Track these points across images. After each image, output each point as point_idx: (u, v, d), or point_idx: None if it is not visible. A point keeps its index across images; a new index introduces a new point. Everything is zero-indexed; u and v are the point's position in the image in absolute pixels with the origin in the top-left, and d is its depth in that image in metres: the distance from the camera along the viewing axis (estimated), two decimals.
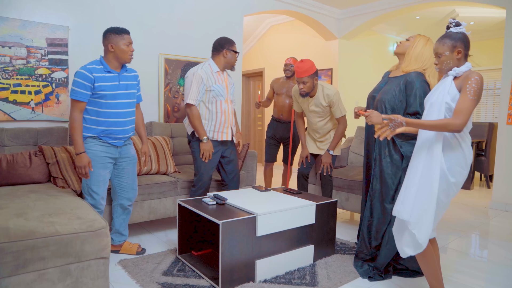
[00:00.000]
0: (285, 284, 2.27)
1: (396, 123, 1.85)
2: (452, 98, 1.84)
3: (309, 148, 3.42)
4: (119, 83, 2.47)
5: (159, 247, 2.88)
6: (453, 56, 1.87)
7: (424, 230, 1.85)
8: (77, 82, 2.32)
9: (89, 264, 1.73)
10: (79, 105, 2.35)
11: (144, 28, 3.89)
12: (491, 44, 7.12)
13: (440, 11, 5.70)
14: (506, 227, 3.68)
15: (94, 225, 1.78)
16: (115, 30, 2.41)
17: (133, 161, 2.66)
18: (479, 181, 6.35)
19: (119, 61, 2.46)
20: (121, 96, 2.48)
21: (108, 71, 2.42)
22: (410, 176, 1.95)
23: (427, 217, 1.85)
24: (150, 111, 4.02)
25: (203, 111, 2.94)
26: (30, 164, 2.77)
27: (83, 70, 2.33)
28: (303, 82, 3.07)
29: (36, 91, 3.25)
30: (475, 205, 4.60)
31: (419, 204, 1.87)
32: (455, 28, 1.89)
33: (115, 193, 2.66)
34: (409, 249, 1.94)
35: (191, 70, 2.95)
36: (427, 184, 1.86)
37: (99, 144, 2.45)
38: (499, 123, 4.39)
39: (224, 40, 2.99)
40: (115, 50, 2.40)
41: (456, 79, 1.88)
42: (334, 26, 5.96)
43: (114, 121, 2.45)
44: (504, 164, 4.35)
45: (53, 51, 3.32)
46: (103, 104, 2.41)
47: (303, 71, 3.03)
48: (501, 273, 2.58)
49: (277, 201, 2.55)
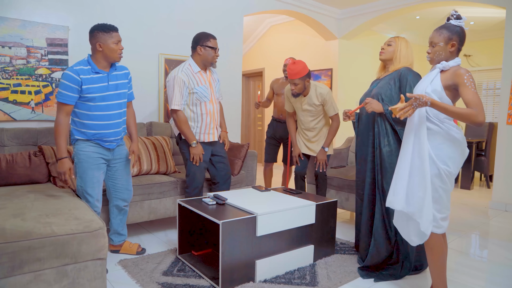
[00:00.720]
0: (285, 284, 2.26)
1: (421, 102, 1.80)
2: (433, 89, 1.86)
3: (300, 149, 3.44)
4: (108, 83, 2.35)
5: (159, 247, 2.88)
6: (446, 48, 1.89)
7: (425, 218, 1.85)
8: (64, 84, 2.21)
9: (86, 265, 1.72)
10: (65, 108, 2.24)
11: (144, 28, 3.89)
12: (491, 44, 7.11)
13: (440, 11, 5.70)
14: (506, 227, 3.68)
15: (91, 226, 1.77)
16: (103, 28, 2.28)
17: (125, 161, 2.59)
18: (479, 181, 6.34)
19: (108, 61, 2.34)
20: (111, 97, 2.37)
21: (96, 72, 2.30)
22: (400, 166, 1.98)
23: (425, 205, 1.85)
24: (150, 111, 4.02)
25: (187, 114, 2.87)
26: (29, 164, 2.76)
27: (69, 72, 2.21)
28: (294, 83, 3.12)
29: (36, 91, 3.25)
30: (475, 205, 4.59)
31: (415, 192, 1.88)
32: (455, 21, 1.90)
33: (109, 195, 2.62)
34: (416, 237, 1.96)
35: (171, 73, 2.81)
36: (419, 172, 1.87)
37: (91, 145, 2.38)
38: (499, 123, 4.38)
39: (198, 36, 2.83)
40: (103, 49, 2.28)
41: (443, 72, 1.88)
42: (334, 26, 5.96)
43: (105, 123, 2.36)
44: (504, 164, 4.34)
45: (53, 51, 3.32)
46: (92, 107, 2.31)
47: (295, 73, 3.07)
48: (501, 273, 2.57)
49: (277, 201, 2.55)
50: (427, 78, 1.94)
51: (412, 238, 1.98)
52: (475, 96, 1.76)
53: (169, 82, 2.84)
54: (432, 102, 1.79)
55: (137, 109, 3.91)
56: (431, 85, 1.88)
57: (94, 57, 2.33)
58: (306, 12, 5.46)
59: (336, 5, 5.67)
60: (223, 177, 3.09)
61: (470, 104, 1.76)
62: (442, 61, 1.91)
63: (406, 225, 2.00)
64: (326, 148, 3.32)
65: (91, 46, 2.33)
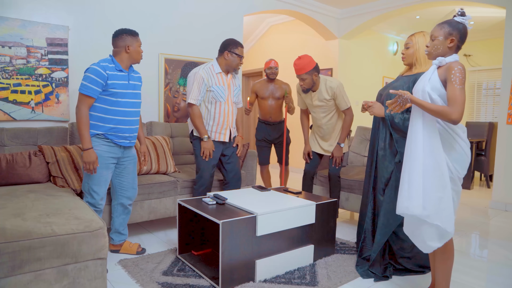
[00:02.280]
0: (285, 284, 2.26)
1: (403, 99, 1.86)
2: (432, 87, 1.84)
3: (312, 147, 3.41)
4: (129, 82, 2.50)
5: (159, 247, 2.88)
6: (445, 42, 1.86)
7: (446, 217, 1.79)
8: (90, 77, 2.32)
9: (86, 265, 1.72)
10: (88, 100, 2.35)
11: (144, 28, 3.89)
12: (491, 44, 7.11)
13: (440, 11, 5.70)
14: (506, 227, 3.68)
15: (92, 226, 1.77)
16: (131, 32, 2.48)
17: (134, 160, 2.66)
18: (479, 181, 6.34)
19: (132, 62, 2.52)
20: (130, 95, 2.50)
21: (120, 69, 2.45)
22: (411, 170, 1.86)
23: (446, 204, 1.79)
24: (150, 111, 4.02)
25: (202, 110, 2.96)
26: (29, 164, 2.77)
27: (96, 67, 2.34)
28: (302, 79, 3.07)
29: (36, 91, 3.25)
30: (475, 204, 4.59)
31: (432, 194, 1.81)
32: (458, 18, 1.86)
33: (115, 193, 2.66)
34: (434, 242, 1.85)
35: (193, 70, 2.96)
36: (435, 173, 1.80)
37: (104, 144, 2.45)
38: (499, 123, 4.38)
39: (228, 41, 2.96)
40: (131, 51, 2.46)
41: (440, 68, 1.87)
42: (334, 26, 5.96)
43: (121, 119, 2.46)
44: (504, 164, 4.34)
45: (53, 51, 3.32)
46: (113, 102, 2.42)
47: (300, 68, 3.02)
48: (502, 272, 2.57)
49: (277, 201, 2.55)
50: (425, 76, 1.91)
51: (429, 243, 1.86)
52: (456, 93, 1.73)
53: (189, 78, 2.97)
54: (412, 99, 1.82)
55: None
56: (430, 83, 1.85)
57: (119, 58, 2.47)
58: (306, 12, 5.46)
59: (336, 5, 5.67)
60: (232, 178, 3.13)
61: (449, 101, 1.74)
62: (439, 56, 1.88)
63: (420, 232, 1.90)
64: (342, 144, 3.23)
65: (116, 48, 2.47)
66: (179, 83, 4.18)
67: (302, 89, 3.16)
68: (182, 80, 4.19)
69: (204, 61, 4.36)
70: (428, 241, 1.87)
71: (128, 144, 2.55)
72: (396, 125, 2.33)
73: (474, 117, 7.43)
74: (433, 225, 1.82)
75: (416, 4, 5.05)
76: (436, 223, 1.80)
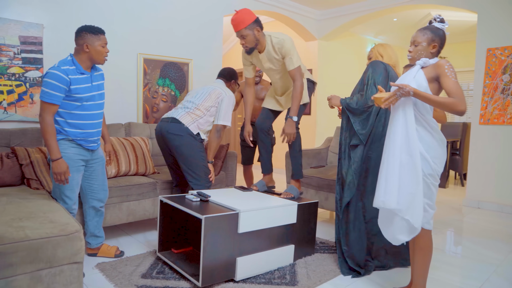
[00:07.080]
0: (265, 284, 2.27)
1: (404, 91, 1.85)
2: (418, 85, 1.89)
3: (267, 104, 3.02)
4: (92, 84, 2.36)
5: (138, 249, 2.83)
6: (428, 48, 1.94)
7: (416, 213, 1.87)
8: (51, 84, 2.16)
9: (61, 270, 1.67)
10: (52, 108, 2.21)
11: (122, 28, 3.82)
12: (464, 47, 7.34)
13: (416, 14, 5.85)
14: (479, 224, 3.80)
15: (67, 229, 1.72)
16: (91, 30, 2.29)
17: (102, 161, 2.58)
18: (454, 180, 6.53)
19: (93, 62, 2.35)
20: (94, 97, 2.39)
21: (81, 72, 2.30)
22: (389, 165, 1.95)
23: (417, 201, 1.87)
24: (129, 112, 3.95)
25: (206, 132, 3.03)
26: (1, 166, 2.67)
27: (57, 71, 2.18)
28: (242, 36, 2.63)
29: (9, 90, 3.14)
30: (450, 203, 4.73)
31: (406, 190, 1.89)
32: (438, 24, 1.95)
33: (85, 196, 2.57)
34: (403, 235, 1.94)
35: (226, 92, 2.95)
36: (411, 170, 1.88)
37: (73, 146, 2.35)
38: (472, 123, 4.52)
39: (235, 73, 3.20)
40: (90, 50, 2.28)
41: (423, 68, 1.93)
42: (313, 27, 6.02)
43: (90, 123, 2.37)
44: (477, 163, 4.49)
45: (27, 50, 3.22)
46: (79, 107, 2.30)
47: (239, 22, 2.59)
48: (475, 268, 2.65)
49: (259, 200, 2.56)
50: (408, 75, 1.96)
51: (398, 237, 1.95)
52: (456, 85, 1.81)
53: (224, 100, 2.91)
54: (415, 91, 1.83)
55: (116, 109, 3.84)
56: (415, 80, 1.90)
57: (79, 58, 2.31)
58: (285, 13, 5.49)
59: (315, 6, 5.73)
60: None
61: (452, 94, 1.80)
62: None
63: (391, 225, 1.99)
64: (295, 117, 2.70)
65: (77, 46, 2.31)
66: (158, 83, 4.13)
67: (246, 50, 2.70)
68: (161, 81, 4.14)
69: (183, 62, 4.32)
70: (397, 234, 1.96)
71: (96, 147, 2.48)
72: (350, 106, 2.51)
73: (448, 118, 7.65)
74: (404, 219, 1.91)
75: (394, 7, 5.17)
76: (406, 217, 1.89)
